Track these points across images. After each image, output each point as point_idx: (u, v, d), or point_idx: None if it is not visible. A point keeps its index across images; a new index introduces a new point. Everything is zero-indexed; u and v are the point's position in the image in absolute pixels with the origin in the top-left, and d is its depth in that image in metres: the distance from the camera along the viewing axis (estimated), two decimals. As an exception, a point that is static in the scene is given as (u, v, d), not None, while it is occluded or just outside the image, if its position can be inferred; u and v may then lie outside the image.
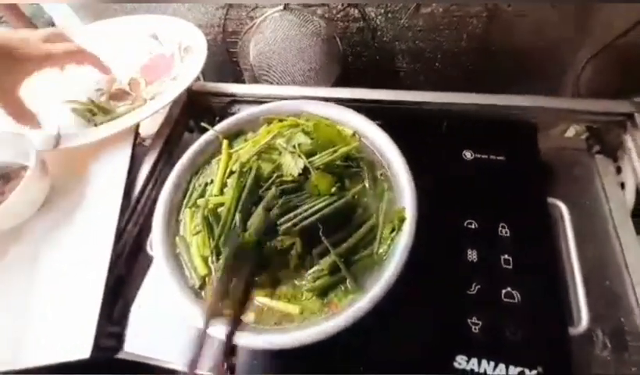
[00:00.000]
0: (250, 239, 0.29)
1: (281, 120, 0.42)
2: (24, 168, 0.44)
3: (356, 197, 0.35)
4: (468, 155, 0.46)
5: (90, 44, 0.60)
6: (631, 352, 0.36)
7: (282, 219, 0.30)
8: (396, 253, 0.32)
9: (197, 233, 0.35)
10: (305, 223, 0.30)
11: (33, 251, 0.41)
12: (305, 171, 0.34)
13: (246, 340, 0.29)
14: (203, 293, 0.33)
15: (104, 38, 0.60)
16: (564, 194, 0.44)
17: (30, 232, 0.43)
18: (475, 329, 0.35)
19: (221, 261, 0.31)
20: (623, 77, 0.55)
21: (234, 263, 0.29)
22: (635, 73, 0.53)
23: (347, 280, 0.31)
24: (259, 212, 0.30)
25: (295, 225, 0.30)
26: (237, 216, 0.30)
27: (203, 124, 0.42)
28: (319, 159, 0.34)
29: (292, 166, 0.34)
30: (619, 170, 0.49)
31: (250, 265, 0.30)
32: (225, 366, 0.27)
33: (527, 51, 0.56)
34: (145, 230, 0.46)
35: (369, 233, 0.33)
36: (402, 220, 0.34)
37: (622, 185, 0.47)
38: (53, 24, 0.72)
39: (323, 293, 0.31)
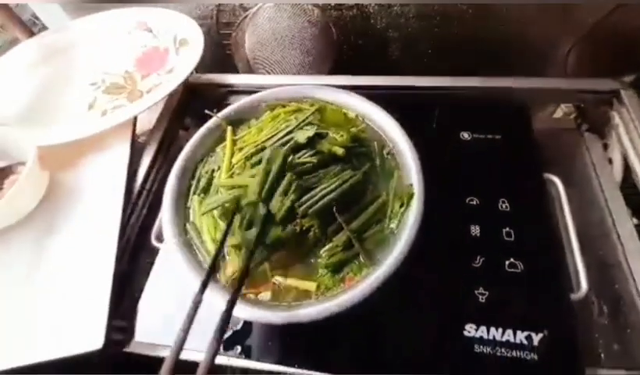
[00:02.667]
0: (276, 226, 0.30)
1: (284, 106, 0.42)
2: (23, 163, 0.43)
3: (366, 175, 0.35)
4: (466, 135, 0.48)
5: (82, 38, 0.60)
6: (626, 316, 0.38)
7: (300, 202, 0.31)
8: (405, 228, 0.33)
9: (209, 210, 0.34)
10: (321, 203, 0.31)
11: (37, 245, 0.41)
12: (315, 145, 0.34)
13: (263, 315, 0.29)
14: (218, 275, 0.33)
15: (95, 32, 0.59)
16: (557, 171, 0.46)
17: (32, 226, 0.42)
18: (482, 299, 0.36)
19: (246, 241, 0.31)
20: (608, 59, 0.57)
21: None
22: (619, 55, 0.55)
23: (361, 255, 0.32)
24: (278, 198, 0.31)
25: (311, 207, 0.31)
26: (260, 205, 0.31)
27: (207, 111, 0.42)
28: (329, 141, 0.35)
29: (302, 137, 0.34)
30: (606, 147, 0.51)
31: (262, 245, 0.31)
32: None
33: (516, 36, 0.58)
34: (148, 223, 0.46)
35: (380, 210, 0.34)
36: (410, 197, 0.35)
37: (610, 160, 0.50)
38: (37, 18, 0.70)
39: (338, 268, 0.32)
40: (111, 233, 0.41)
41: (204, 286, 0.28)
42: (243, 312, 0.30)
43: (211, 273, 0.29)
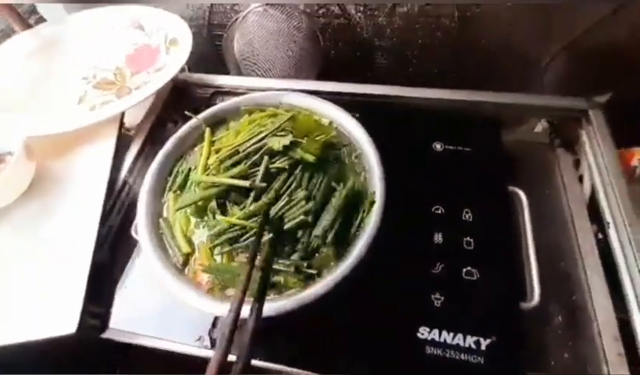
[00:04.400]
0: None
1: (262, 111, 0.44)
2: (10, 152, 0.45)
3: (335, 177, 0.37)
4: (439, 146, 0.50)
5: (77, 32, 0.61)
6: (580, 327, 0.40)
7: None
8: (364, 234, 0.35)
9: (183, 207, 0.36)
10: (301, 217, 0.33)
11: (19, 232, 0.43)
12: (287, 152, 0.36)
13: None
14: (186, 270, 0.35)
15: (90, 27, 0.60)
16: (527, 183, 0.48)
17: (15, 214, 0.44)
18: (437, 303, 0.38)
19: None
20: (585, 76, 0.59)
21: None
22: (596, 72, 0.57)
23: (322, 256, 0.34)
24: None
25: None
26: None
27: (187, 112, 0.44)
28: (302, 148, 0.37)
29: (277, 143, 0.36)
30: (577, 163, 0.53)
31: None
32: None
33: (496, 49, 0.60)
34: (129, 216, 0.47)
35: (345, 214, 0.36)
36: (372, 203, 0.36)
37: (580, 178, 0.52)
38: (35, 11, 0.72)
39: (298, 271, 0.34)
40: (91, 223, 0.43)
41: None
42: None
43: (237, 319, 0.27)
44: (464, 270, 0.40)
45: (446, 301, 0.38)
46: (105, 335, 0.41)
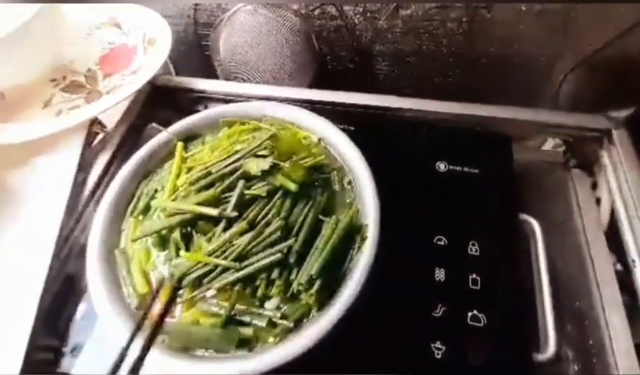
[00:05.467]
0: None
1: (242, 123, 0.39)
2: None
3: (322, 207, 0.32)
4: (442, 166, 0.44)
5: (45, 28, 0.56)
6: (599, 376, 0.35)
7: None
8: (353, 277, 0.29)
9: (141, 237, 0.31)
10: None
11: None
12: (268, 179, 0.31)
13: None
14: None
15: (62, 23, 0.55)
16: (538, 208, 0.43)
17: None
18: (438, 354, 0.33)
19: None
20: (602, 91, 0.54)
21: None
22: (615, 87, 0.52)
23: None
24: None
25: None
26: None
27: (154, 125, 0.38)
28: (283, 173, 0.32)
29: (254, 167, 0.31)
30: (595, 185, 0.48)
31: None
32: None
33: (507, 60, 0.55)
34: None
35: (332, 251, 0.30)
36: (364, 239, 0.31)
37: (598, 201, 0.47)
38: None
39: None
40: (45, 249, 0.37)
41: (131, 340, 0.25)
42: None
43: (138, 331, 0.25)
44: (470, 314, 0.35)
45: (449, 351, 0.33)
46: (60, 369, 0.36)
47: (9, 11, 0.54)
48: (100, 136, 0.52)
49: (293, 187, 0.30)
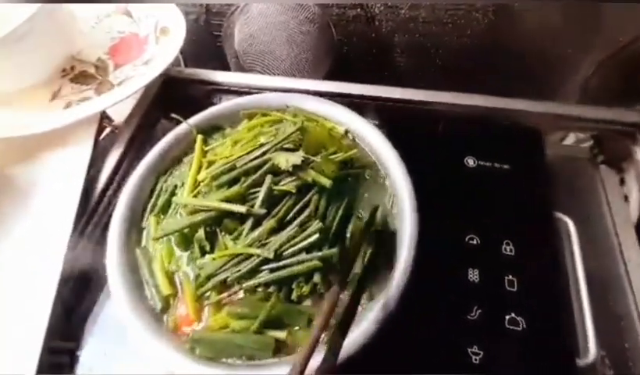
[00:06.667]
0: None
1: (264, 115, 0.37)
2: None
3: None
4: (471, 162, 0.42)
5: (53, 18, 0.53)
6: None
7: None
8: (392, 282, 0.28)
9: (163, 236, 0.29)
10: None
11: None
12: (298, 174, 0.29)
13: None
14: (165, 317, 0.27)
15: (71, 12, 0.53)
16: (566, 206, 0.41)
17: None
18: (476, 359, 0.31)
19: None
20: (631, 85, 0.52)
21: None
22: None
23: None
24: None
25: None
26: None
27: (173, 115, 0.36)
28: (314, 168, 0.29)
29: (284, 161, 0.29)
30: (622, 182, 0.46)
31: None
32: None
33: (534, 51, 0.53)
34: (105, 237, 0.40)
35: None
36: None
37: (625, 197, 0.45)
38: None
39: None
40: (58, 246, 0.36)
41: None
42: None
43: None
44: (507, 318, 0.33)
45: (486, 356, 0.31)
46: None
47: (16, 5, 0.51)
48: (107, 130, 0.50)
49: (327, 183, 0.28)
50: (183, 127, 0.37)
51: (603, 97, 0.53)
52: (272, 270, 0.26)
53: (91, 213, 0.40)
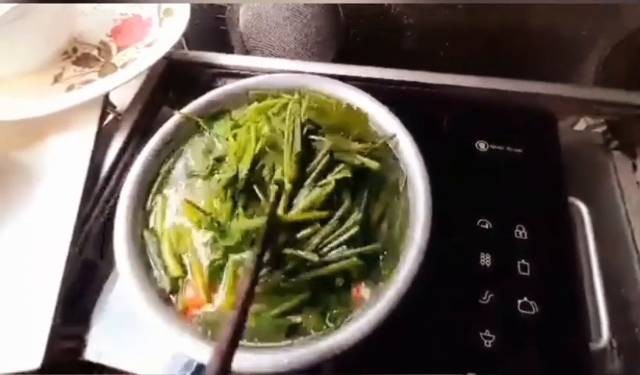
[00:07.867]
0: None
1: (275, 97, 0.36)
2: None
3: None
4: (482, 145, 0.41)
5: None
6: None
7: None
8: (404, 265, 0.27)
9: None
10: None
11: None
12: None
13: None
14: (173, 298, 0.27)
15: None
16: (580, 193, 0.40)
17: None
18: (488, 343, 0.31)
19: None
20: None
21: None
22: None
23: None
24: None
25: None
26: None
27: (171, 108, 0.35)
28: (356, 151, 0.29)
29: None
30: (634, 167, 0.45)
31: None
32: None
33: (547, 34, 0.51)
34: (112, 221, 0.40)
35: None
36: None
37: (638, 183, 0.44)
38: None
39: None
40: (64, 231, 0.35)
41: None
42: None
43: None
44: (520, 302, 0.33)
45: (498, 340, 0.31)
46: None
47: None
48: (110, 116, 0.49)
49: (376, 166, 0.28)
50: (188, 109, 0.36)
51: (618, 80, 0.51)
52: (316, 266, 0.26)
53: (97, 197, 0.40)
